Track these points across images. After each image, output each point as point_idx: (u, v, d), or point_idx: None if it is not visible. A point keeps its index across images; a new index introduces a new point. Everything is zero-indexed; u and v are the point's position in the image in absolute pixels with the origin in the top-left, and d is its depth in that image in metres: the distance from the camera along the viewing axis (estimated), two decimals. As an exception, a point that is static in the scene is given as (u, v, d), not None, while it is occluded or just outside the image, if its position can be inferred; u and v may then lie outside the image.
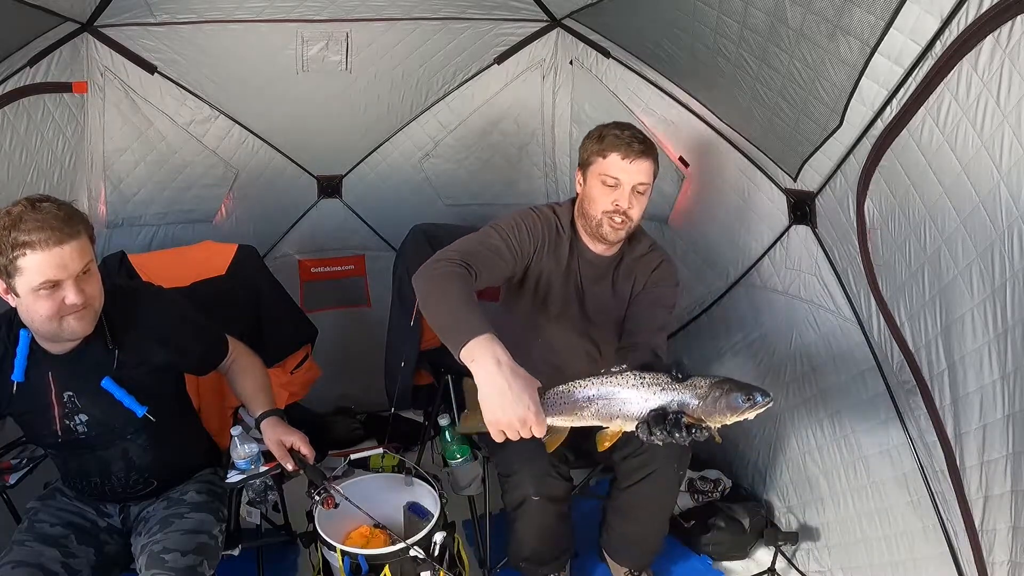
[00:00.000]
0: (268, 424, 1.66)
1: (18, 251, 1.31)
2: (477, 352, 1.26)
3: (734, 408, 1.28)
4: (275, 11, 2.11)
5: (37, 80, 1.97)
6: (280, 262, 2.77)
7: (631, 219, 1.70)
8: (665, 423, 1.28)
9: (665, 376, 1.34)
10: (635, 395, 1.33)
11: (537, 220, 1.74)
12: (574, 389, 1.37)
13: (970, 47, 1.20)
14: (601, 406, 1.35)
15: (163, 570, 1.42)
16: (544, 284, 1.78)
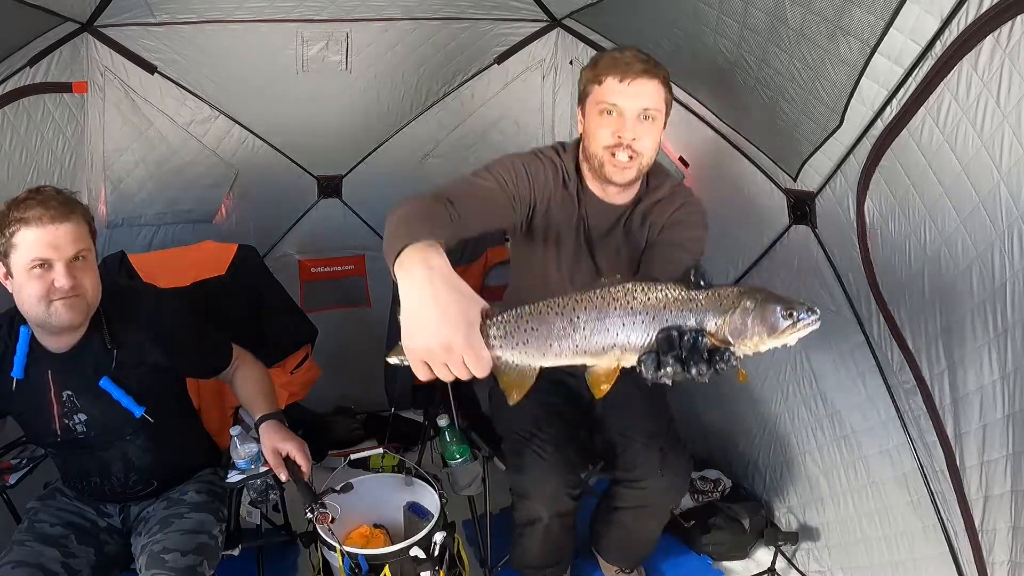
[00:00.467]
0: (266, 428, 1.64)
1: (14, 227, 1.36)
2: (407, 259, 0.96)
3: (772, 326, 0.95)
4: (275, 11, 2.11)
5: (37, 80, 1.97)
6: (280, 262, 2.77)
7: (639, 153, 1.44)
8: (680, 347, 0.93)
9: (676, 285, 0.98)
10: (636, 314, 0.97)
11: (540, 165, 1.50)
12: (544, 310, 0.98)
13: (970, 47, 1.20)
14: (587, 334, 0.97)
15: (163, 570, 1.42)
16: (553, 237, 1.57)
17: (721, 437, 2.47)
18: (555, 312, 0.98)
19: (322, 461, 2.63)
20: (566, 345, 0.98)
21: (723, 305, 0.96)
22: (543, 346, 0.98)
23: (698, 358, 0.93)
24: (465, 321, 0.90)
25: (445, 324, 0.89)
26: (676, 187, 1.61)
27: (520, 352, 0.98)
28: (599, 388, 1.02)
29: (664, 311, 0.96)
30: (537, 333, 0.97)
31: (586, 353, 0.98)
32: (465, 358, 0.90)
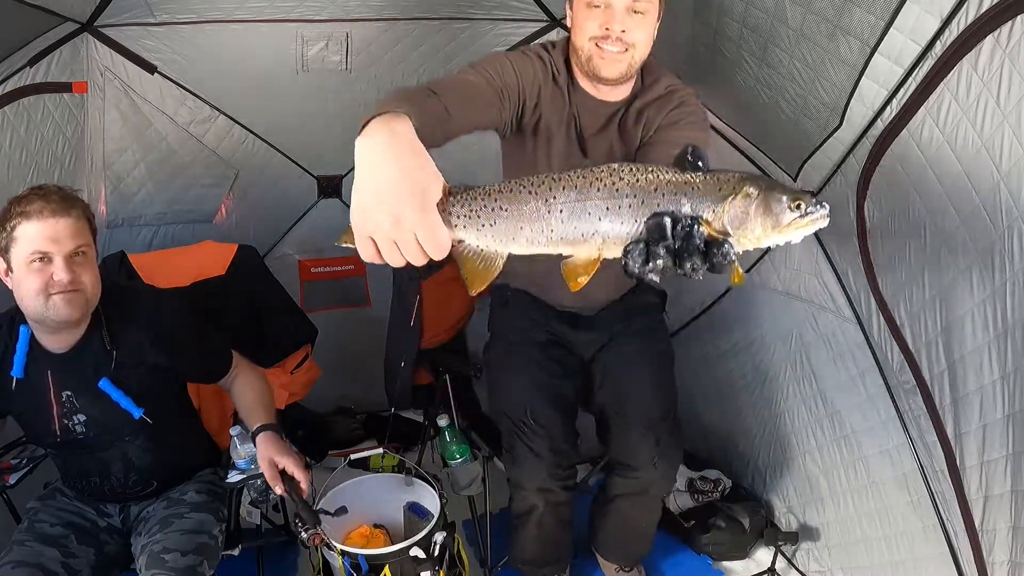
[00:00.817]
0: (263, 440, 1.61)
1: (15, 220, 1.38)
2: (372, 127, 0.85)
3: (776, 217, 0.82)
4: (275, 11, 2.11)
5: (37, 80, 1.96)
6: (280, 262, 2.77)
7: (630, 45, 1.37)
8: (672, 237, 0.80)
9: (668, 167, 0.86)
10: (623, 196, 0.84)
11: (529, 61, 1.42)
12: (516, 189, 0.86)
13: (970, 47, 1.20)
14: (564, 217, 0.85)
15: (163, 570, 1.42)
16: (543, 137, 1.50)
17: (721, 437, 2.47)
18: (528, 191, 0.85)
19: (322, 461, 2.63)
20: (539, 229, 0.85)
21: (722, 190, 0.84)
22: (512, 229, 0.85)
23: (693, 250, 0.80)
24: (421, 191, 0.78)
25: (398, 192, 0.77)
26: (673, 85, 1.50)
27: (486, 235, 0.86)
28: (575, 280, 0.88)
29: (655, 194, 0.84)
30: (506, 214, 0.85)
31: (562, 240, 0.86)
32: (418, 235, 0.77)
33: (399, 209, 0.76)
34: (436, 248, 0.78)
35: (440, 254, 0.78)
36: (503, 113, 1.38)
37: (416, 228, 0.76)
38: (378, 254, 0.79)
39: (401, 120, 0.85)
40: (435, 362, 2.28)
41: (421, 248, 0.77)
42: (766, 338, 2.19)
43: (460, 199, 0.85)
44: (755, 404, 2.27)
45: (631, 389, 1.75)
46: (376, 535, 1.91)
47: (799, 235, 0.84)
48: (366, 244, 0.79)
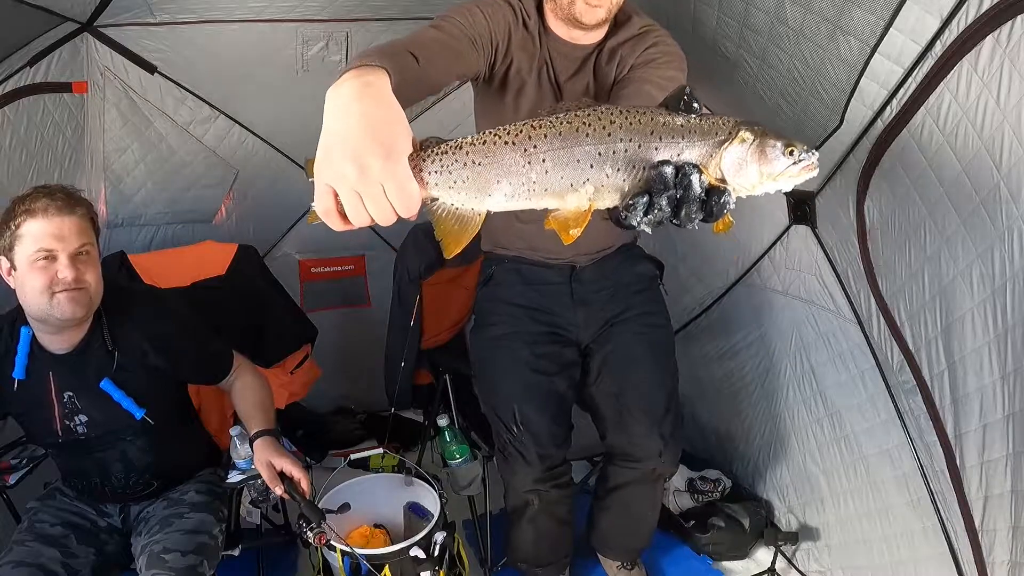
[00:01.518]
0: (260, 444, 1.61)
1: (20, 218, 1.38)
2: (345, 78, 0.81)
3: (771, 162, 0.80)
4: (275, 11, 2.11)
5: (37, 80, 1.96)
6: (280, 262, 2.77)
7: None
8: (676, 186, 0.77)
9: (661, 108, 0.82)
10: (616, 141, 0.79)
11: (497, 6, 1.38)
12: (491, 140, 0.79)
13: (970, 47, 1.20)
14: (548, 167, 0.78)
15: (163, 570, 1.42)
16: (515, 84, 1.45)
17: (721, 437, 2.47)
18: (505, 142, 0.78)
19: (322, 461, 2.63)
20: (519, 182, 0.79)
21: (719, 134, 0.81)
22: (489, 184, 0.78)
23: (693, 199, 0.78)
24: (388, 142, 0.72)
25: (366, 140, 0.72)
26: (647, 26, 1.46)
27: (460, 192, 0.79)
28: (567, 233, 0.82)
29: (651, 137, 0.78)
30: (481, 168, 0.78)
31: (547, 192, 0.80)
32: (386, 188, 0.71)
33: (365, 157, 0.70)
34: (405, 204, 0.72)
35: (409, 211, 0.73)
36: (477, 60, 1.33)
37: (384, 179, 0.70)
38: (337, 210, 0.73)
39: (376, 73, 0.81)
40: (435, 362, 2.28)
41: (390, 204, 0.71)
42: (766, 338, 2.19)
43: (431, 154, 0.78)
44: (755, 404, 2.27)
45: (633, 383, 1.69)
46: (376, 535, 1.91)
47: (791, 183, 0.83)
48: (325, 195, 0.73)
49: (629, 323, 1.73)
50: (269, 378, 2.04)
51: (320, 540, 1.57)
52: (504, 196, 0.79)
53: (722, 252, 2.25)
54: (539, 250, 1.68)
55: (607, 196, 0.80)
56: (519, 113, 1.46)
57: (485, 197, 0.79)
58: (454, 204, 0.80)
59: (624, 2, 1.40)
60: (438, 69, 1.15)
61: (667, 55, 1.41)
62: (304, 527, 1.58)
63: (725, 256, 2.24)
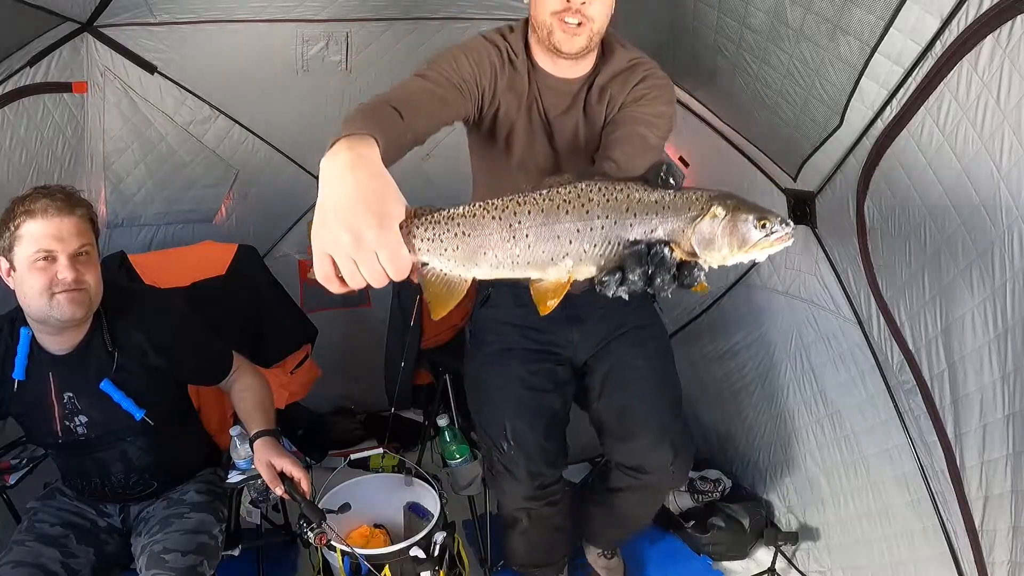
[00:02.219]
0: (260, 444, 1.61)
1: (20, 219, 1.38)
2: (337, 147, 0.87)
3: (743, 237, 0.84)
4: (275, 11, 2.11)
5: (37, 80, 1.96)
6: (280, 262, 2.77)
7: (590, 19, 1.35)
8: (648, 263, 0.83)
9: (637, 184, 0.86)
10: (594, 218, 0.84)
11: (483, 49, 1.40)
12: (479, 213, 0.85)
13: (970, 47, 1.20)
14: (531, 242, 0.84)
15: (163, 570, 1.42)
16: (505, 124, 1.46)
17: (721, 437, 2.47)
18: (491, 216, 0.84)
19: (322, 461, 2.64)
20: (504, 254, 0.84)
21: (691, 210, 0.85)
22: (476, 254, 0.84)
23: (664, 272, 0.83)
24: (381, 210, 0.78)
25: (360, 210, 0.77)
26: (636, 59, 1.46)
27: (449, 259, 0.85)
28: (545, 304, 0.88)
29: (626, 214, 0.84)
30: (469, 239, 0.84)
31: (529, 264, 0.85)
32: (379, 255, 0.76)
33: (359, 226, 0.76)
34: (397, 269, 0.77)
35: (400, 275, 0.78)
36: (464, 106, 1.36)
37: (377, 247, 0.76)
38: (335, 275, 0.78)
39: (365, 142, 0.86)
40: (435, 362, 2.28)
41: (382, 268, 0.77)
42: (766, 338, 2.19)
43: (423, 222, 0.85)
44: (755, 404, 2.27)
45: (637, 396, 1.64)
46: (376, 535, 1.91)
47: (764, 254, 0.87)
48: (323, 262, 0.78)
49: (626, 338, 1.70)
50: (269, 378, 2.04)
51: (320, 540, 1.57)
52: (490, 266, 0.85)
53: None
54: None
55: (585, 269, 0.86)
56: (511, 154, 1.48)
57: (473, 266, 0.85)
58: (443, 270, 0.86)
59: (608, 34, 1.43)
60: (424, 120, 1.18)
61: (656, 88, 1.42)
62: (304, 527, 1.58)
63: (725, 256, 2.24)
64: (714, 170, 2.17)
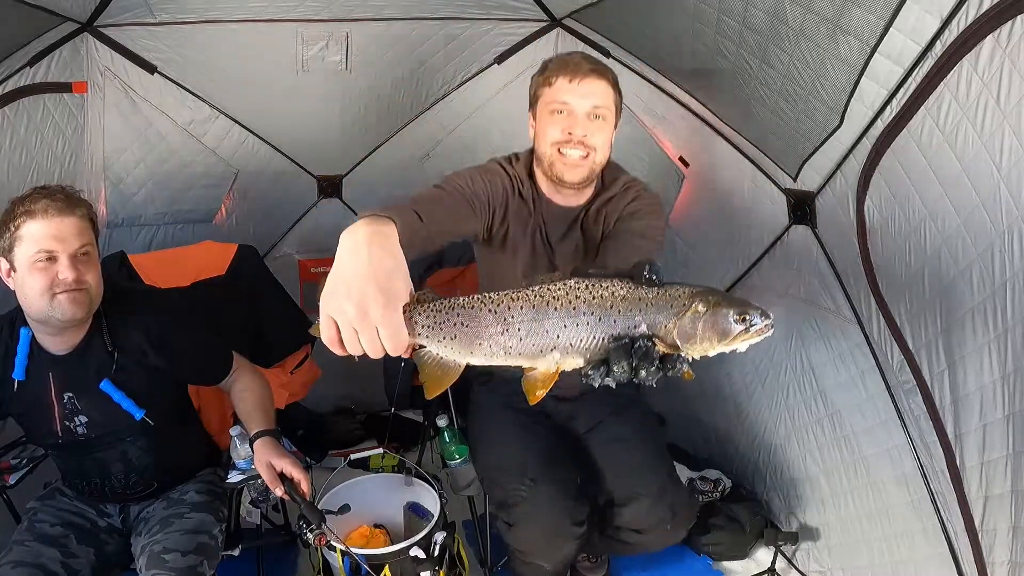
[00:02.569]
0: (260, 445, 1.61)
1: (20, 219, 1.38)
2: (358, 223, 0.91)
3: (724, 331, 0.90)
4: (275, 11, 2.11)
5: (37, 80, 1.97)
6: (280, 262, 2.77)
7: (592, 149, 1.43)
8: (632, 356, 0.88)
9: (622, 281, 0.91)
10: (580, 314, 0.89)
11: (495, 175, 1.50)
12: (476, 305, 0.91)
13: (970, 47, 1.20)
14: (522, 335, 0.90)
15: (163, 570, 1.42)
16: (511, 246, 1.55)
17: (721, 437, 2.47)
18: (487, 309, 0.91)
19: (322, 461, 2.63)
20: (497, 345, 0.91)
21: (673, 307, 0.91)
22: (471, 344, 0.91)
23: (648, 364, 0.88)
24: (388, 290, 0.83)
25: (369, 285, 0.82)
26: (629, 182, 1.58)
27: (446, 346, 0.92)
28: (534, 394, 0.94)
29: (611, 311, 0.90)
30: (466, 329, 0.91)
31: (520, 355, 0.92)
32: (380, 331, 0.82)
33: (366, 302, 0.81)
34: (395, 346, 0.83)
35: (397, 352, 0.84)
36: (476, 222, 1.44)
37: (380, 324, 0.81)
38: (337, 339, 0.84)
39: (386, 223, 0.91)
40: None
41: (381, 344, 0.82)
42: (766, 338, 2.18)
43: (425, 309, 0.90)
44: (755, 404, 2.27)
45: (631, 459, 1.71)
46: (376, 535, 1.91)
47: (745, 346, 0.92)
48: (328, 327, 0.84)
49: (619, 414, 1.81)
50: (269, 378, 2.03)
51: (320, 541, 1.57)
52: (484, 355, 0.92)
53: (722, 252, 2.25)
54: None
55: (572, 361, 0.92)
56: (516, 267, 1.55)
57: (467, 354, 0.92)
58: (439, 354, 0.92)
59: (611, 163, 1.52)
60: (438, 225, 1.23)
61: (648, 205, 1.53)
62: (304, 528, 1.58)
63: (725, 256, 2.24)
64: (714, 170, 2.17)
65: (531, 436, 1.73)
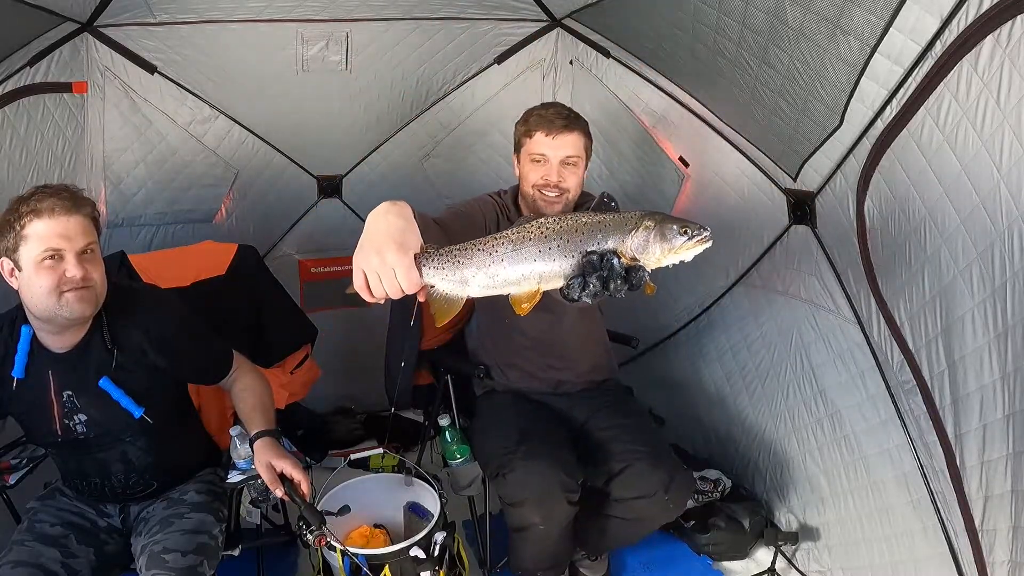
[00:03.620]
0: (261, 445, 1.60)
1: (26, 218, 1.37)
2: (382, 204, 1.14)
3: (670, 242, 1.09)
4: (275, 11, 2.11)
5: (37, 80, 1.97)
6: (280, 262, 2.77)
7: (566, 190, 1.71)
8: (601, 268, 1.07)
9: (584, 212, 1.14)
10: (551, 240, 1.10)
11: (487, 204, 1.78)
12: (469, 247, 1.12)
13: (970, 47, 1.20)
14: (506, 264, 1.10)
15: (163, 570, 1.42)
16: None
17: (721, 437, 2.47)
18: (477, 248, 1.12)
19: (322, 461, 2.64)
20: (488, 275, 1.11)
21: (627, 225, 1.10)
22: (468, 276, 1.12)
23: (616, 275, 1.07)
24: (402, 241, 1.06)
25: (386, 238, 1.06)
26: None
27: (448, 281, 1.12)
28: (520, 306, 1.14)
29: (576, 235, 1.10)
30: (463, 266, 1.11)
31: (507, 282, 1.12)
32: (396, 271, 1.04)
33: (384, 250, 1.05)
34: (408, 284, 1.05)
35: (411, 289, 1.06)
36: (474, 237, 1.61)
37: (395, 266, 1.04)
38: (366, 286, 1.06)
39: (402, 203, 1.15)
40: (435, 362, 2.28)
41: (398, 283, 1.05)
42: (766, 338, 2.19)
43: (430, 254, 1.12)
44: (755, 404, 2.27)
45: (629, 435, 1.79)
46: (376, 535, 1.91)
47: (690, 255, 1.11)
48: (358, 276, 1.07)
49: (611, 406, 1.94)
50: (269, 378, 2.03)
51: (320, 542, 1.57)
52: (478, 285, 1.12)
53: (722, 252, 2.25)
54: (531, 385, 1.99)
55: (551, 281, 1.12)
56: None
57: (465, 286, 1.12)
58: (444, 290, 1.13)
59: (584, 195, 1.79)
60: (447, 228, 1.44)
61: None
62: (304, 529, 1.58)
63: (725, 256, 2.24)
64: (714, 170, 2.17)
65: (530, 417, 1.85)
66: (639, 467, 1.71)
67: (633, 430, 1.82)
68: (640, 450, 1.74)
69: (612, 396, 1.99)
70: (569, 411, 1.96)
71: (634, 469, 1.71)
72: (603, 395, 1.99)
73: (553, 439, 1.78)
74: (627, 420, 1.87)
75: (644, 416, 1.97)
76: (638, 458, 1.72)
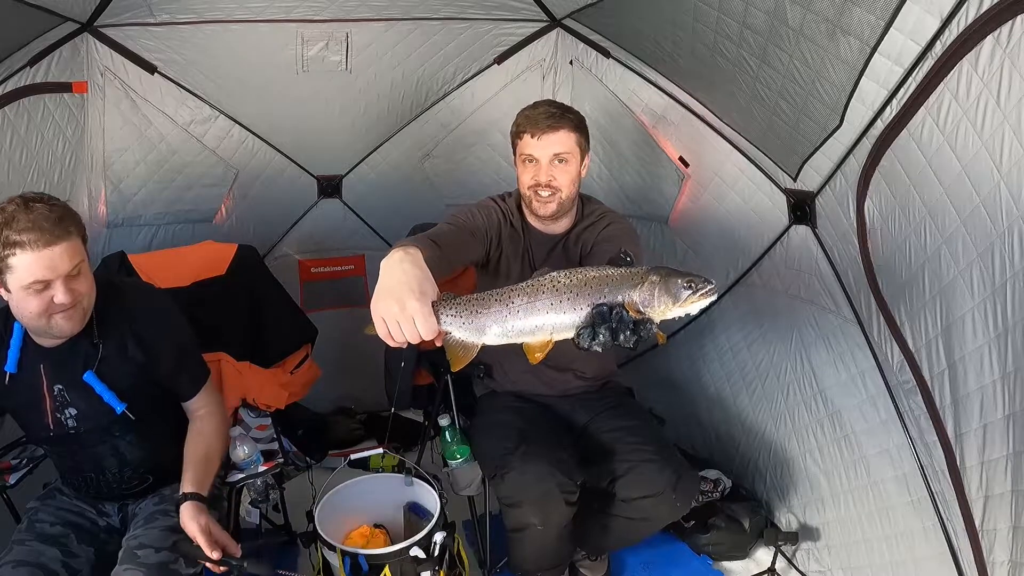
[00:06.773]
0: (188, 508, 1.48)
1: (9, 250, 1.32)
2: (394, 252, 1.21)
3: (675, 296, 1.12)
4: (275, 11, 2.11)
5: (37, 80, 1.97)
6: (280, 262, 2.77)
7: (558, 188, 1.71)
8: (610, 319, 1.11)
9: (594, 267, 1.19)
10: (562, 294, 1.16)
11: (491, 210, 1.80)
12: (486, 298, 1.19)
13: (970, 47, 1.20)
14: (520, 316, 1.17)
15: (134, 565, 1.41)
16: (505, 270, 1.81)
17: (721, 437, 2.47)
18: (494, 299, 1.19)
19: (322, 461, 2.64)
20: (503, 325, 1.18)
21: (633, 280, 1.15)
22: (484, 326, 1.18)
23: (625, 327, 1.12)
24: (420, 290, 1.13)
25: (404, 288, 1.13)
26: (605, 212, 1.86)
27: (465, 330, 1.19)
28: (533, 355, 1.20)
29: (585, 288, 1.16)
30: (480, 316, 1.18)
31: (521, 333, 1.19)
32: (415, 320, 1.11)
33: (404, 300, 1.12)
34: (427, 331, 1.12)
35: (429, 336, 1.13)
36: (478, 249, 1.73)
37: (414, 315, 1.11)
38: (388, 333, 1.14)
39: (413, 248, 1.23)
40: (435, 362, 2.28)
41: (416, 330, 1.12)
42: (766, 338, 2.19)
43: (447, 303, 1.18)
44: (755, 404, 2.27)
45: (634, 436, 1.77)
46: (376, 535, 1.91)
47: (696, 307, 1.15)
48: (380, 325, 1.14)
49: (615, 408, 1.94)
50: (269, 378, 2.04)
51: None
52: (494, 335, 1.19)
53: (722, 253, 2.25)
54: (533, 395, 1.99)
55: (562, 332, 1.18)
56: None
57: (481, 335, 1.19)
58: (460, 337, 1.19)
59: (582, 196, 1.84)
60: (453, 253, 1.54)
61: (622, 230, 1.80)
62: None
63: (725, 256, 2.24)
64: (714, 170, 2.17)
65: (529, 418, 1.86)
66: (646, 467, 1.69)
67: (637, 431, 1.81)
68: (646, 450, 1.73)
69: (613, 398, 1.99)
70: (570, 413, 1.95)
71: (641, 469, 1.70)
72: (604, 397, 1.98)
73: (552, 440, 1.77)
74: (630, 421, 1.86)
75: (646, 417, 1.97)
76: (645, 458, 1.70)
